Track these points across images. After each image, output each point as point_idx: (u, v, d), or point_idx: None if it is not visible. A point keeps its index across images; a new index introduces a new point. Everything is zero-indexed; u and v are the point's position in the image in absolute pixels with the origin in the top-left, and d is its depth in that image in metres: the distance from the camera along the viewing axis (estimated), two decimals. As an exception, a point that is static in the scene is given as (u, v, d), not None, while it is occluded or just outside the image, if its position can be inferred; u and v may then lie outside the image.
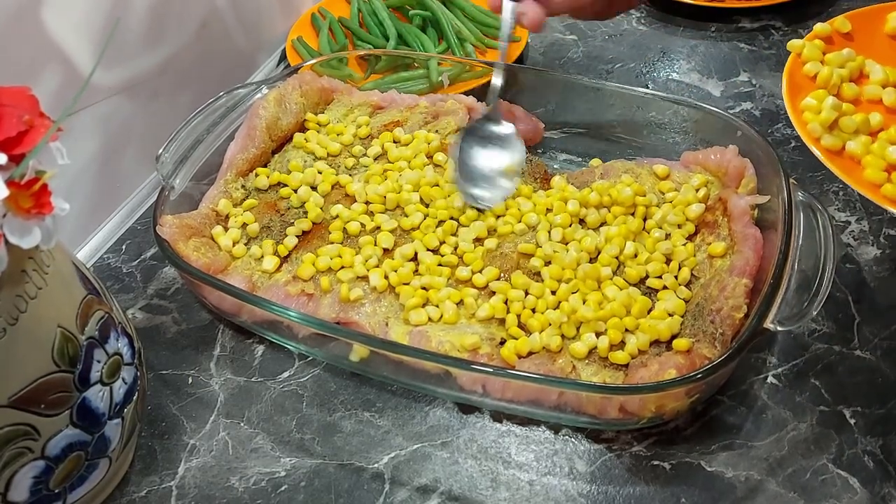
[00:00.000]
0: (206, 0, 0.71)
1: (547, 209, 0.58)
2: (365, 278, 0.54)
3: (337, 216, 0.58)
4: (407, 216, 0.58)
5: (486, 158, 0.60)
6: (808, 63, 0.50)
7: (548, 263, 0.54)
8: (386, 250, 0.56)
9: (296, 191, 0.60)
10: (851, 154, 0.46)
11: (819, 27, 0.52)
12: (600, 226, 0.57)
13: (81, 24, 0.58)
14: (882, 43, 0.52)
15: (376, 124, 0.66)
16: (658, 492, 0.46)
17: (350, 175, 0.62)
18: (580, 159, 0.67)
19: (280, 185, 0.61)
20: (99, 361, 0.40)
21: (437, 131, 0.65)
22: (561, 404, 0.47)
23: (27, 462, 0.37)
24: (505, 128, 0.61)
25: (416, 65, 0.75)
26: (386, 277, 0.53)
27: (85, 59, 0.58)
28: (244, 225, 0.58)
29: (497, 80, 0.61)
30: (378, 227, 0.57)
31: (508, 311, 0.51)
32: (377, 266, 0.54)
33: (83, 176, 0.62)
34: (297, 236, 0.57)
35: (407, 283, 0.53)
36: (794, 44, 0.51)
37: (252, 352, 0.55)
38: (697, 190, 0.57)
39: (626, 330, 0.49)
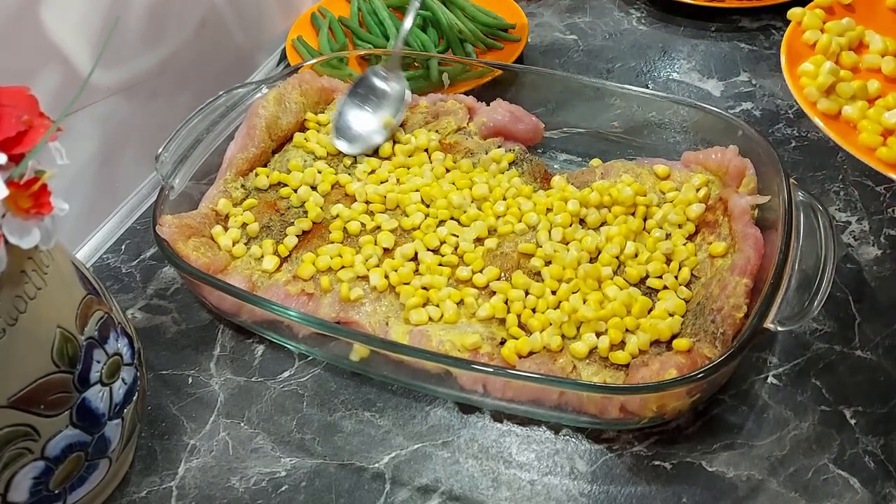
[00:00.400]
0: (205, 0, 0.71)
1: (547, 209, 0.57)
2: (365, 278, 0.54)
3: (337, 216, 0.58)
4: (407, 216, 0.58)
5: (362, 112, 0.65)
6: (808, 31, 0.50)
7: (548, 263, 0.54)
8: (386, 250, 0.56)
9: (296, 190, 0.60)
10: (847, 118, 0.46)
11: None
12: (601, 226, 0.57)
13: (81, 24, 0.58)
14: (883, 15, 0.51)
15: (376, 124, 0.66)
16: (659, 491, 0.46)
17: (349, 174, 0.62)
18: (580, 159, 0.66)
19: (280, 184, 0.61)
20: (99, 362, 0.40)
21: (437, 131, 0.65)
22: (562, 404, 0.47)
23: (27, 463, 0.37)
24: (390, 85, 0.65)
25: (416, 65, 0.75)
26: (386, 277, 0.53)
27: (84, 58, 0.58)
28: (244, 225, 0.58)
29: (407, 22, 0.65)
30: (378, 227, 0.57)
31: (509, 311, 0.51)
32: (377, 266, 0.54)
33: (82, 176, 0.62)
34: (297, 236, 0.57)
35: (407, 283, 0.53)
36: (794, 12, 0.51)
37: (252, 352, 0.55)
38: (698, 190, 0.57)
39: (627, 330, 0.49)
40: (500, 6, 0.83)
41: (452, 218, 0.57)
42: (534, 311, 0.51)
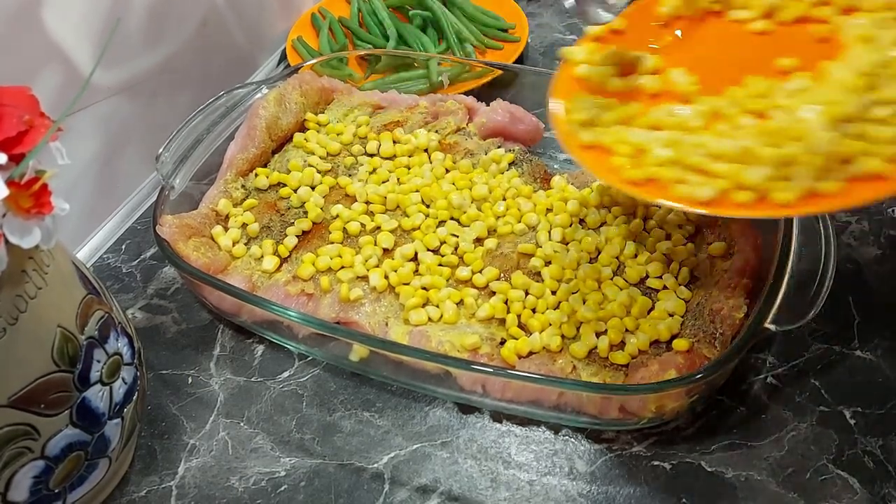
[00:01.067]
0: (206, 0, 0.71)
1: (547, 209, 0.58)
2: (365, 278, 0.54)
3: (337, 216, 0.58)
4: (407, 216, 0.58)
5: None
6: (578, 67, 0.48)
7: (548, 263, 0.54)
8: (386, 250, 0.56)
9: (296, 190, 0.61)
10: (604, 145, 0.44)
11: (590, 29, 0.50)
12: (600, 226, 0.57)
13: (81, 24, 0.58)
14: (654, 32, 0.49)
15: (376, 124, 0.66)
16: (658, 492, 0.46)
17: (349, 175, 0.62)
18: (580, 159, 0.66)
19: (280, 184, 0.61)
20: (99, 361, 0.40)
21: (437, 131, 0.65)
22: (561, 404, 0.47)
23: (27, 462, 0.37)
24: None
25: (416, 65, 0.75)
26: (386, 277, 0.53)
27: (85, 59, 0.58)
28: (244, 225, 0.58)
29: None
30: (378, 227, 0.57)
31: (508, 311, 0.51)
32: (377, 266, 0.54)
33: (83, 176, 0.62)
34: (297, 236, 0.57)
35: (407, 283, 0.53)
36: (567, 50, 0.49)
37: (252, 352, 0.55)
38: (697, 190, 0.57)
39: (627, 330, 0.49)
40: (500, 6, 0.83)
41: (452, 218, 0.58)
42: (533, 311, 0.51)
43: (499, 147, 0.63)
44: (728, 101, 0.43)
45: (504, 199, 0.59)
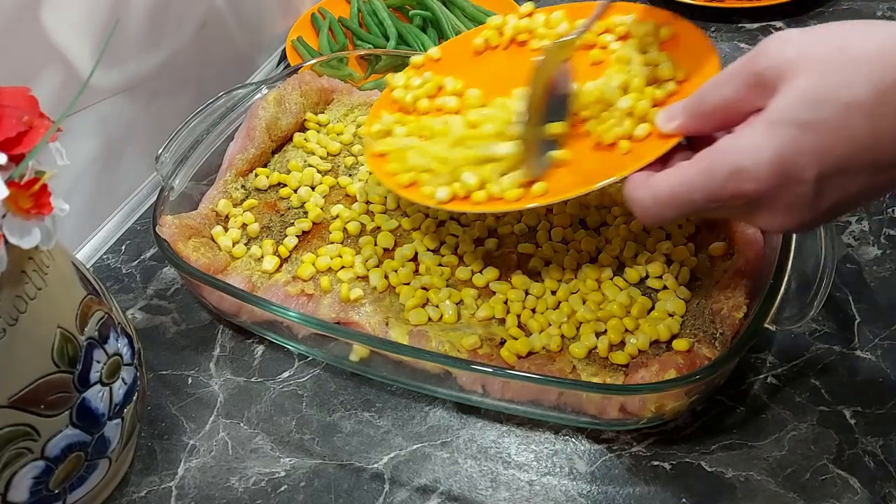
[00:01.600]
0: (205, 0, 0.71)
1: (547, 209, 0.58)
2: (365, 278, 0.54)
3: (337, 216, 0.58)
4: (408, 216, 0.58)
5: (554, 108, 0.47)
6: (395, 90, 0.56)
7: (548, 264, 0.54)
8: (386, 250, 0.56)
9: (296, 191, 0.61)
10: (388, 153, 0.53)
11: (413, 59, 0.58)
12: (600, 226, 0.57)
13: (81, 24, 0.58)
14: (467, 62, 0.57)
15: (376, 124, 0.66)
16: (658, 492, 0.46)
17: (349, 175, 0.62)
18: (580, 159, 0.66)
19: (280, 185, 0.61)
20: (99, 362, 0.40)
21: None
22: (561, 404, 0.47)
23: (27, 462, 0.37)
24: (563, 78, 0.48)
25: (416, 65, 0.75)
26: (386, 277, 0.53)
27: (85, 59, 0.58)
28: (244, 225, 0.58)
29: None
30: (378, 227, 0.57)
31: (508, 312, 0.51)
32: (377, 266, 0.54)
33: (83, 176, 0.62)
34: (297, 236, 0.57)
35: (407, 283, 0.53)
36: (389, 76, 0.57)
37: (252, 352, 0.55)
38: (697, 190, 0.57)
39: (626, 330, 0.49)
40: (500, 6, 0.83)
41: (452, 218, 0.58)
42: (533, 311, 0.51)
43: (499, 147, 0.63)
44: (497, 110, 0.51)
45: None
